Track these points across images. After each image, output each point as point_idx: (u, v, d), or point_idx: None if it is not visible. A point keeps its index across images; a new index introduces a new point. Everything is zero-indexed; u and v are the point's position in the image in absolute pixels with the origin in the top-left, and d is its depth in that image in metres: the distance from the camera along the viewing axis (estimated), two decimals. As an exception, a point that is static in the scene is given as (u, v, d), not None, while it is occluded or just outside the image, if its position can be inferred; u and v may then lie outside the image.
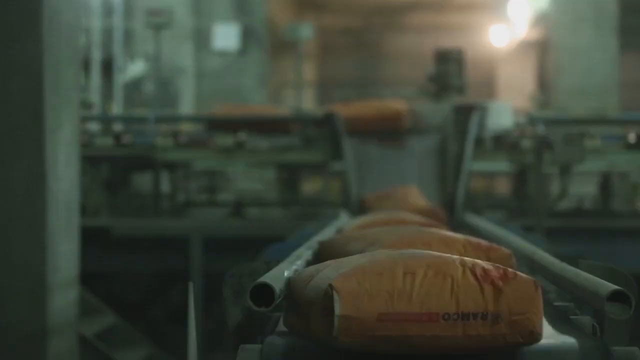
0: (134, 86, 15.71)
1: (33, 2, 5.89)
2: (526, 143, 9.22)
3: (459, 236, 3.42)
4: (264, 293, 2.52)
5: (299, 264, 3.25)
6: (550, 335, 2.57)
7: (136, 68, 15.80)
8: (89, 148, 9.07)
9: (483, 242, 3.36)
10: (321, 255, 3.63)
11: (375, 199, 7.40)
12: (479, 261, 2.36)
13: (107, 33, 15.86)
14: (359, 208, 7.72)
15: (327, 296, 2.25)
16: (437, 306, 2.22)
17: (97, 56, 15.58)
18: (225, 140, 9.22)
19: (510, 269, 2.33)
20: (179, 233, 8.73)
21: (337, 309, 2.22)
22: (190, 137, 9.73)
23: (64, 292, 6.17)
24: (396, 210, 5.62)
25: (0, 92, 5.92)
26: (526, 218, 8.78)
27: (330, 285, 2.24)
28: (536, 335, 2.30)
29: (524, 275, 2.32)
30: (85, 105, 11.20)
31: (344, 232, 4.55)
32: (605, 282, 2.55)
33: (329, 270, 2.36)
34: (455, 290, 2.24)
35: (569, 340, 2.49)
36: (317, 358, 2.44)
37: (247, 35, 16.24)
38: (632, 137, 9.38)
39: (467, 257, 2.45)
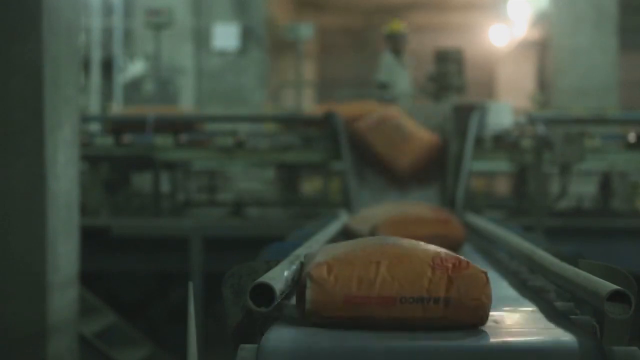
0: (133, 86, 15.71)
1: (33, 2, 5.89)
2: (526, 143, 9.22)
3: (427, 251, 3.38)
4: (264, 293, 2.52)
5: (298, 263, 3.25)
6: (550, 335, 2.57)
7: (136, 68, 15.80)
8: (89, 148, 9.07)
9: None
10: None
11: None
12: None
13: (107, 33, 15.88)
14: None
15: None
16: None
17: (97, 56, 15.59)
18: (225, 140, 9.21)
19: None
20: (179, 233, 8.73)
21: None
22: (190, 137, 9.73)
23: (63, 292, 6.17)
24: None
25: (0, 92, 5.92)
26: (526, 218, 8.78)
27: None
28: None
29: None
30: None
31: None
32: (605, 282, 2.55)
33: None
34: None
35: (569, 340, 2.49)
36: (316, 357, 2.44)
37: (247, 35, 16.24)
38: (632, 137, 9.38)
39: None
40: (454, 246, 4.64)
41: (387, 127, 8.28)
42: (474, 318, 2.58)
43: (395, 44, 11.44)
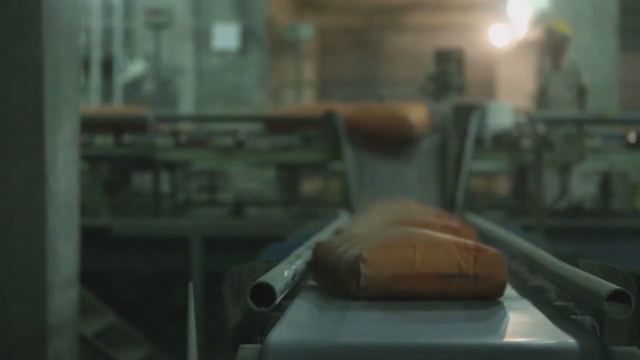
0: (133, 86, 15.71)
1: (33, 2, 5.89)
2: (526, 143, 9.22)
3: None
4: (264, 293, 2.53)
5: (299, 263, 3.25)
6: (550, 335, 2.57)
7: (136, 68, 15.80)
8: (89, 148, 9.07)
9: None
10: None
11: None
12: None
13: (107, 33, 15.88)
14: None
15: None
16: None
17: (97, 56, 15.60)
18: (225, 140, 9.21)
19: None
20: (179, 233, 8.73)
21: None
22: (190, 137, 9.73)
23: (63, 292, 6.17)
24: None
25: (0, 92, 5.92)
26: (526, 218, 8.78)
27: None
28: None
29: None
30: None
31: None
32: (605, 282, 2.55)
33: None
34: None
35: (569, 340, 2.49)
36: (316, 357, 2.44)
37: (247, 35, 16.24)
38: (632, 137, 9.38)
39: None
40: None
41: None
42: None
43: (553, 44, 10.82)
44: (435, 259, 3.05)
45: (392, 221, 4.80)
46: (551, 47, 10.42)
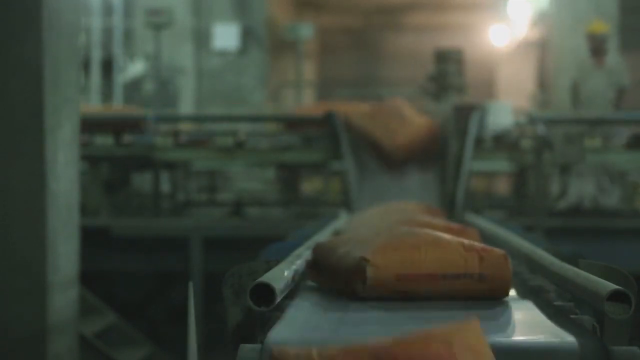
0: (133, 86, 15.71)
1: (33, 2, 5.89)
2: (526, 143, 9.22)
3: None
4: (264, 293, 2.52)
5: (299, 263, 3.26)
6: (550, 335, 2.57)
7: (136, 68, 15.79)
8: (89, 148, 9.07)
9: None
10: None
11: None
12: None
13: (107, 33, 15.88)
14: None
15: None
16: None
17: (97, 56, 15.60)
18: (225, 140, 9.21)
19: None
20: (179, 233, 8.73)
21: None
22: (190, 137, 9.73)
23: (64, 292, 6.17)
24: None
25: (0, 92, 5.92)
26: (526, 218, 8.78)
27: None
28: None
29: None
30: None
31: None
32: (605, 282, 2.55)
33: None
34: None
35: (568, 340, 2.49)
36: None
37: (247, 35, 16.24)
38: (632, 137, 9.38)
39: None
40: None
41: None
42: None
43: (595, 45, 10.73)
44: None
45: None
46: (592, 49, 10.51)
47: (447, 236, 3.23)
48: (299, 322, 2.73)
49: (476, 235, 4.32)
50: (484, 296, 3.05)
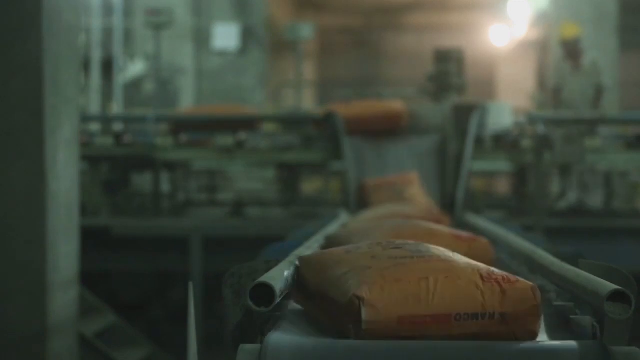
0: (133, 86, 15.71)
1: (33, 2, 5.89)
2: (526, 143, 9.22)
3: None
4: (264, 293, 2.52)
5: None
6: (550, 335, 2.57)
7: (136, 68, 15.80)
8: (89, 148, 9.07)
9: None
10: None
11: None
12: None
13: (107, 33, 15.87)
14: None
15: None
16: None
17: (97, 56, 15.59)
18: (225, 140, 9.21)
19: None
20: (179, 233, 8.73)
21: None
22: (190, 137, 9.72)
23: (64, 292, 6.17)
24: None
25: (0, 92, 5.92)
26: (526, 218, 8.78)
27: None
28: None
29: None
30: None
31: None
32: (605, 282, 2.54)
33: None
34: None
35: (568, 340, 2.49)
36: (316, 357, 2.44)
37: (247, 35, 16.24)
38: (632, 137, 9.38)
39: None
40: None
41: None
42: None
43: (568, 50, 10.76)
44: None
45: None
46: (567, 53, 10.54)
47: (459, 260, 2.64)
48: (299, 322, 2.73)
49: (488, 246, 3.94)
50: (505, 339, 2.50)
